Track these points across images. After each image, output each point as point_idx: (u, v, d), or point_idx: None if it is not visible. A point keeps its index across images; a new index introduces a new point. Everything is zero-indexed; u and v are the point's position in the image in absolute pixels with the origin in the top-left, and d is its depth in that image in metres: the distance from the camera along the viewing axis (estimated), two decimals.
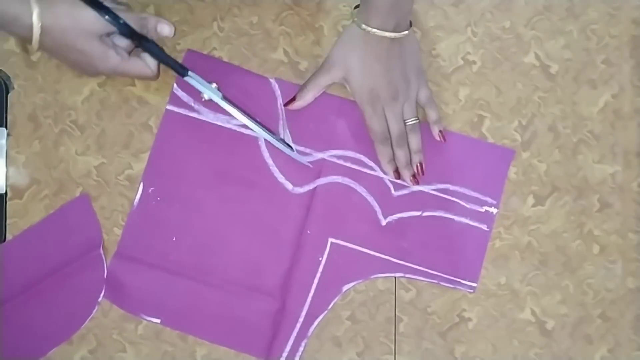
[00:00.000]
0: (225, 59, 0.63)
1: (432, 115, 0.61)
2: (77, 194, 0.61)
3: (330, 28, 0.63)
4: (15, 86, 0.61)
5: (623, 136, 0.64)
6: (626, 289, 0.63)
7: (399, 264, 0.62)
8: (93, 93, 0.62)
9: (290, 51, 0.63)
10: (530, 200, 0.63)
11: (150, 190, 0.61)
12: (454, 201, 0.62)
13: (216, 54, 0.63)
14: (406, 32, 0.57)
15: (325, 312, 0.61)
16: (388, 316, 0.62)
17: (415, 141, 0.61)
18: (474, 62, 0.63)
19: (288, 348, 0.61)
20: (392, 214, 0.62)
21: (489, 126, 0.63)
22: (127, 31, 0.53)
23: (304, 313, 0.61)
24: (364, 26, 0.55)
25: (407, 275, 0.62)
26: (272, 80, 0.62)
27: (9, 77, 0.61)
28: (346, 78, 0.59)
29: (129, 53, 0.55)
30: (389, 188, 0.62)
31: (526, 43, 0.64)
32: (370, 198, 0.62)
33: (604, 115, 0.64)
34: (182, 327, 0.61)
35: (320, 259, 0.62)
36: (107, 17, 0.51)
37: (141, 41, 0.54)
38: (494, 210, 0.63)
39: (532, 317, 0.62)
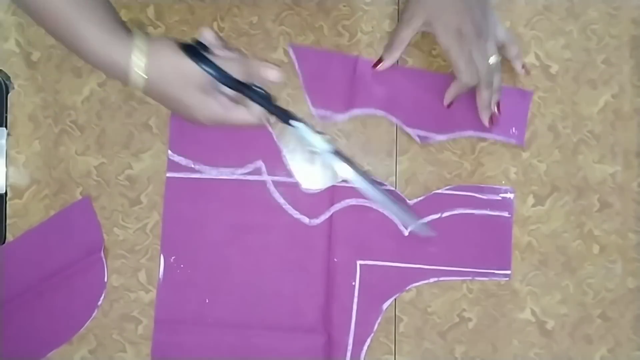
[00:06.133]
0: None
1: (513, 50, 0.61)
2: (77, 194, 0.61)
3: (330, 28, 0.63)
4: (15, 86, 0.61)
5: (623, 136, 0.64)
6: (626, 289, 0.63)
7: (430, 269, 0.61)
8: (93, 93, 0.62)
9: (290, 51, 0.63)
10: (530, 200, 0.63)
11: (171, 260, 0.61)
12: (470, 196, 0.62)
13: None
14: None
15: (372, 334, 0.61)
16: (388, 316, 0.62)
17: (497, 80, 0.59)
18: None
19: None
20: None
21: None
22: (230, 82, 0.51)
23: (351, 340, 0.61)
24: None
25: (440, 279, 0.61)
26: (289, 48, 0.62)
27: (9, 77, 0.61)
28: (429, 22, 0.58)
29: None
30: (404, 198, 0.62)
31: (526, 43, 0.64)
32: (387, 212, 0.62)
33: (604, 115, 0.64)
34: None
35: (353, 283, 0.61)
36: (209, 69, 0.49)
37: (244, 91, 0.52)
38: (510, 195, 0.62)
39: (532, 317, 0.62)
